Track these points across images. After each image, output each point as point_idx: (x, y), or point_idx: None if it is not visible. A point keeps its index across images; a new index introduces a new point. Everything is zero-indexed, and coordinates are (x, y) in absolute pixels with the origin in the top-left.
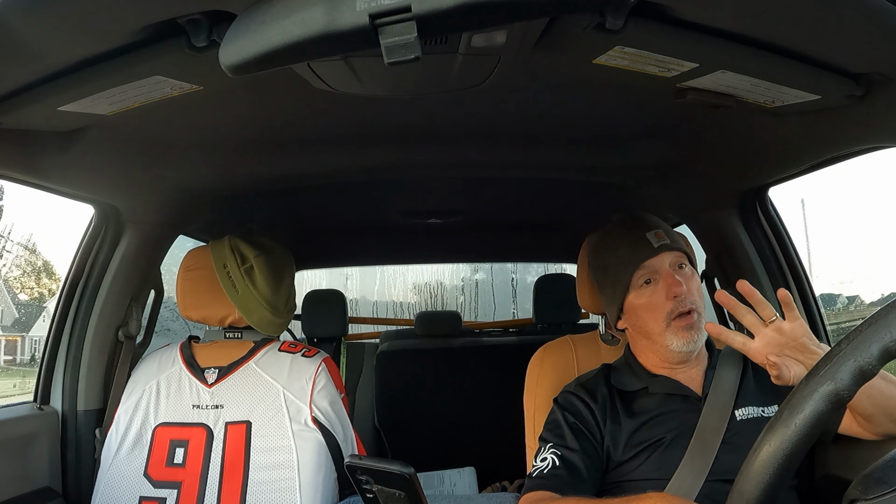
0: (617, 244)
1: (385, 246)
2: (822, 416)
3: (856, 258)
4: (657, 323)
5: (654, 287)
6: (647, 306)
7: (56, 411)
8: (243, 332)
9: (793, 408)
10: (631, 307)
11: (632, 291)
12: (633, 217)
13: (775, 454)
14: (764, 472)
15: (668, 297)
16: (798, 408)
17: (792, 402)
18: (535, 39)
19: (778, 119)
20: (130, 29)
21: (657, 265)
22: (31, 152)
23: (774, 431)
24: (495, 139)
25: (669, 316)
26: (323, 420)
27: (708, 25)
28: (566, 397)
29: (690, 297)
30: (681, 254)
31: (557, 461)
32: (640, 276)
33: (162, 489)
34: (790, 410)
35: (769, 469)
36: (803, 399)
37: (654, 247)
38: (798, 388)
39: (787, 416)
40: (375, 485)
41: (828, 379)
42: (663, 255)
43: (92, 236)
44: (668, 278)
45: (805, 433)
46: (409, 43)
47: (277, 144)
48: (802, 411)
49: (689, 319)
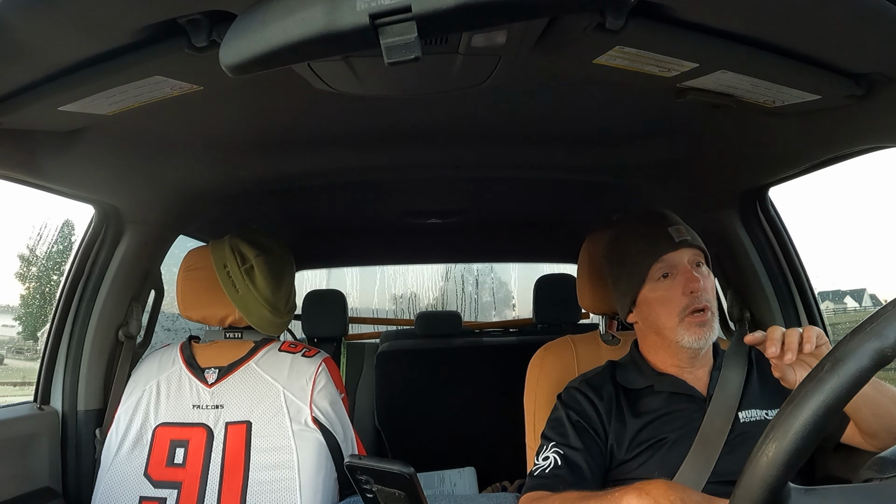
0: (637, 235)
1: (385, 246)
2: (865, 373)
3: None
4: (670, 317)
5: (670, 281)
6: (662, 300)
7: (56, 411)
8: (243, 333)
9: (836, 360)
10: (644, 300)
11: (647, 284)
12: (654, 211)
13: (817, 403)
14: (804, 422)
15: (685, 293)
16: (843, 360)
17: (836, 355)
18: (535, 39)
19: (778, 119)
20: (131, 29)
21: (676, 260)
22: (31, 152)
23: (817, 381)
24: (495, 139)
25: (683, 311)
26: (323, 420)
27: (708, 25)
28: (571, 394)
29: (706, 294)
30: (699, 252)
31: (560, 460)
32: (658, 270)
33: (162, 489)
34: (833, 363)
35: (809, 418)
36: (848, 353)
37: (675, 241)
38: (843, 342)
39: (831, 368)
40: (375, 485)
41: (874, 336)
42: (683, 250)
43: (92, 236)
44: (685, 274)
45: (847, 387)
46: (409, 43)
47: (277, 144)
48: (846, 363)
49: (703, 317)
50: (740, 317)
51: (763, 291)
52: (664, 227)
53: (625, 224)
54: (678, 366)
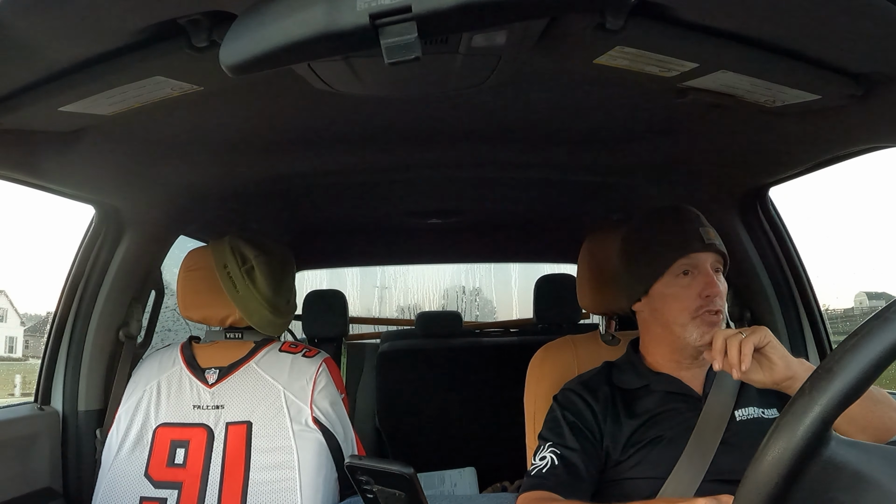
0: (668, 227)
1: (385, 246)
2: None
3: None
4: (681, 314)
5: (690, 280)
6: (677, 296)
7: (57, 412)
8: (244, 333)
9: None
10: (658, 293)
11: (665, 277)
12: (688, 209)
13: (884, 339)
14: (866, 357)
15: (701, 296)
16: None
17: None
18: (536, 39)
19: (778, 119)
20: (131, 29)
21: (701, 260)
22: (31, 152)
23: (883, 319)
24: (495, 139)
25: (696, 312)
26: (323, 420)
27: (708, 25)
28: (566, 395)
29: (720, 300)
30: (722, 259)
31: (556, 460)
32: (681, 266)
33: (162, 489)
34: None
35: (870, 355)
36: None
37: (705, 242)
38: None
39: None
40: (376, 485)
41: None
42: (710, 254)
43: (92, 237)
44: (707, 277)
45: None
46: (409, 43)
47: (277, 144)
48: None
49: (717, 318)
50: (740, 316)
51: (763, 291)
52: (696, 226)
53: (654, 214)
54: (677, 363)
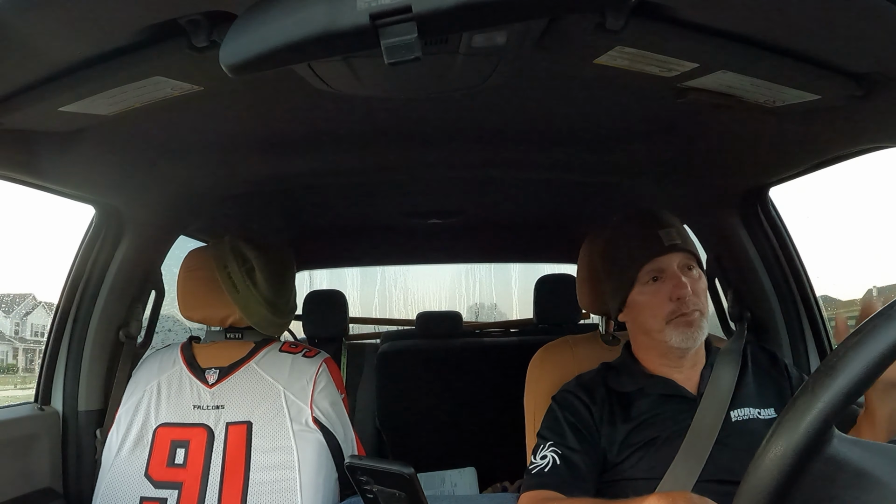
0: (628, 238)
1: (385, 246)
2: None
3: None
4: (656, 321)
5: (659, 285)
6: (648, 304)
7: (57, 412)
8: (244, 333)
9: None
10: (633, 302)
11: (637, 286)
12: (648, 213)
13: (884, 338)
14: (867, 355)
15: (672, 299)
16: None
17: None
18: (536, 39)
19: (778, 119)
20: (131, 29)
21: (665, 264)
22: (31, 152)
23: (887, 316)
24: (495, 139)
25: (669, 316)
26: (324, 420)
27: (708, 25)
28: (565, 396)
29: (694, 299)
30: (690, 255)
31: (558, 460)
32: (648, 273)
33: (163, 489)
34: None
35: (871, 355)
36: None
37: (665, 245)
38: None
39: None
40: (376, 485)
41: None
42: (672, 254)
43: (92, 237)
44: (674, 279)
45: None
46: (409, 43)
47: (277, 144)
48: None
49: (691, 317)
50: (740, 316)
51: (763, 291)
52: (655, 229)
53: (619, 225)
54: (668, 365)
